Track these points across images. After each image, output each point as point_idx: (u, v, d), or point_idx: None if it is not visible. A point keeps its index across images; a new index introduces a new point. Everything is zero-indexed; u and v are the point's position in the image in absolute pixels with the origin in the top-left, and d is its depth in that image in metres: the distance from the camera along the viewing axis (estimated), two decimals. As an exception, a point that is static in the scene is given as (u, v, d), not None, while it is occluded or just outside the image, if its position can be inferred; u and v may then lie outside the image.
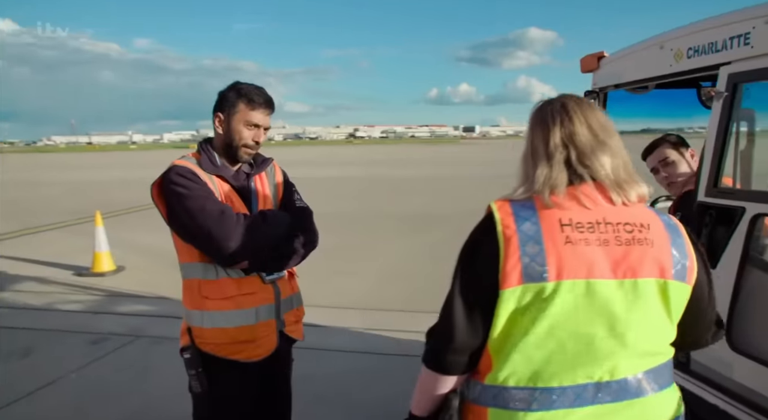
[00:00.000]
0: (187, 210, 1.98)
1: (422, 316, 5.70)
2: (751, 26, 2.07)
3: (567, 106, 1.34)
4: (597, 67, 3.05)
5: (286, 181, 2.37)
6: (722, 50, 2.21)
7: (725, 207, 2.20)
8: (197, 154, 2.20)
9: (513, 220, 1.23)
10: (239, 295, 2.07)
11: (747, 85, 2.18)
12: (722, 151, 2.23)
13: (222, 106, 2.15)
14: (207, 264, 2.05)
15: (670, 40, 2.49)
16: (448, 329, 1.26)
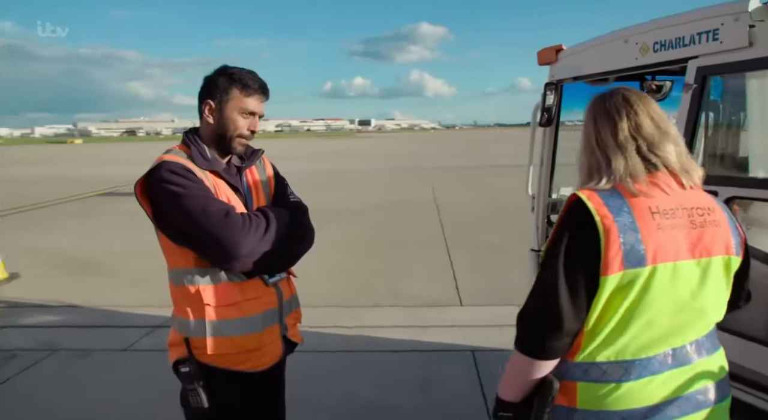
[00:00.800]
0: (186, 212, 1.79)
1: (361, 310, 5.74)
2: (720, 23, 2.21)
3: (629, 99, 1.44)
4: (555, 60, 3.16)
5: (277, 174, 2.22)
6: (690, 45, 2.35)
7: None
8: (185, 146, 1.98)
9: (607, 210, 1.32)
10: (243, 300, 1.91)
11: (715, 78, 2.34)
12: (692, 139, 2.38)
13: (212, 93, 1.95)
14: (205, 268, 1.87)
15: (635, 34, 2.62)
16: (554, 317, 1.31)
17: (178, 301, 1.94)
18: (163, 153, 1.95)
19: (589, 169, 1.46)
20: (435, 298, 6.11)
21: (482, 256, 8.09)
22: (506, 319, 5.30)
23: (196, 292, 1.86)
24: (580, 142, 1.52)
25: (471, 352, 4.58)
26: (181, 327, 1.92)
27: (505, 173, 21.42)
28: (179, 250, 1.88)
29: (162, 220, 1.87)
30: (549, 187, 3.40)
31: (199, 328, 1.87)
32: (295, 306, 2.17)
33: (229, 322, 1.89)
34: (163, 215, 1.85)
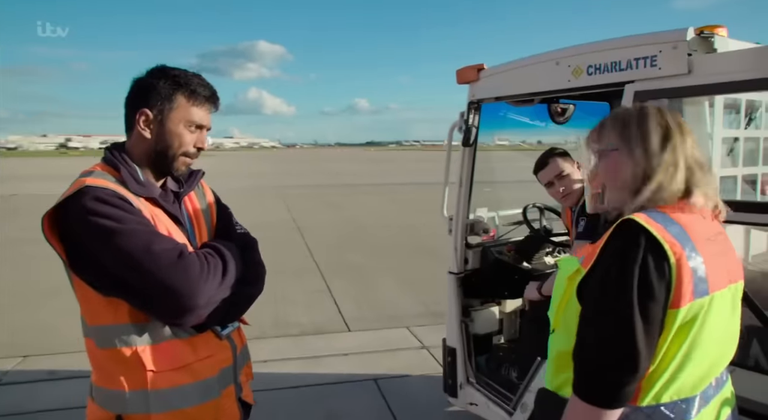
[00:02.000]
0: (124, 253, 1.39)
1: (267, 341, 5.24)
2: (658, 50, 2.30)
3: (668, 120, 1.35)
4: (476, 79, 3.11)
5: (218, 201, 1.87)
6: (627, 69, 2.42)
7: None
8: (109, 167, 1.56)
9: (672, 236, 1.21)
10: (196, 361, 1.55)
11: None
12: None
13: (149, 100, 1.55)
14: (143, 323, 1.48)
15: (567, 57, 2.65)
16: (632, 359, 1.17)
17: (103, 367, 1.52)
18: (81, 175, 1.52)
19: (624, 189, 1.33)
20: (320, 325, 5.81)
21: (354, 277, 7.95)
22: (399, 343, 5.26)
23: (133, 354, 1.46)
24: (606, 155, 1.37)
25: (374, 381, 4.37)
26: (109, 401, 1.51)
27: (353, 192, 21.74)
28: (106, 301, 1.46)
29: (81, 264, 1.46)
30: (467, 208, 3.34)
31: (138, 402, 1.48)
32: (246, 359, 1.82)
33: (180, 389, 1.51)
34: (84, 257, 1.44)
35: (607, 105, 3.86)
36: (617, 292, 1.20)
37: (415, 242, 10.70)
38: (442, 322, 5.70)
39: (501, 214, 3.81)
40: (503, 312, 3.70)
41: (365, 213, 15.38)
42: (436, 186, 15.07)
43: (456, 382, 3.38)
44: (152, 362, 1.47)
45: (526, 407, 2.93)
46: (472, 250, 3.42)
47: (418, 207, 16.50)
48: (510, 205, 3.92)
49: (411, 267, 8.64)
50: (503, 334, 3.77)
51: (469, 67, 3.15)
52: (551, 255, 3.54)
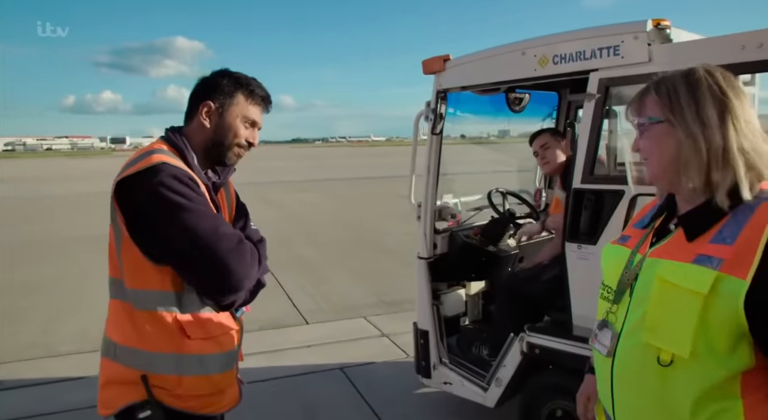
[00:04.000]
0: (193, 230, 1.52)
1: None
2: (620, 40, 2.49)
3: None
4: (442, 69, 3.22)
5: (238, 198, 1.98)
6: (591, 58, 2.60)
7: (604, 191, 2.60)
8: (173, 148, 1.69)
9: None
10: (221, 334, 1.70)
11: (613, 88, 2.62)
12: (596, 143, 2.64)
13: (213, 94, 1.72)
14: (182, 293, 1.61)
15: (533, 47, 2.81)
16: None
17: (137, 329, 1.60)
18: (148, 153, 1.61)
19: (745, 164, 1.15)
20: (278, 320, 5.78)
21: (304, 272, 7.93)
22: (359, 333, 5.34)
23: (174, 320, 1.59)
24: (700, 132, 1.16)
25: (340, 370, 4.42)
26: (139, 360, 1.60)
27: (290, 189, 21.54)
28: (156, 268, 1.57)
29: (142, 233, 1.56)
30: (435, 195, 3.45)
31: (171, 364, 1.60)
32: (241, 343, 1.92)
33: (209, 357, 1.67)
34: (148, 228, 1.55)
35: (555, 95, 4.10)
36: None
37: (358, 236, 10.79)
38: (398, 311, 5.90)
39: (463, 201, 3.95)
40: (468, 294, 3.86)
41: (305, 209, 15.30)
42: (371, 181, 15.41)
43: (429, 363, 3.49)
44: (192, 329, 1.61)
45: (500, 382, 3.09)
46: (439, 235, 3.54)
47: (356, 202, 16.63)
48: (470, 193, 4.07)
49: (358, 260, 8.72)
50: (468, 315, 3.93)
51: (435, 57, 3.26)
52: (513, 237, 3.72)
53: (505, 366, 3.05)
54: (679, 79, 1.23)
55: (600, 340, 1.30)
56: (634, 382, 1.21)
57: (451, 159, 3.80)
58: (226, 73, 1.78)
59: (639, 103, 1.27)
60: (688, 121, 1.17)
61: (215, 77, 1.76)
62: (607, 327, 1.29)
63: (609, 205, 2.57)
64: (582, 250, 2.66)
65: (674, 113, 1.19)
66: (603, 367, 1.30)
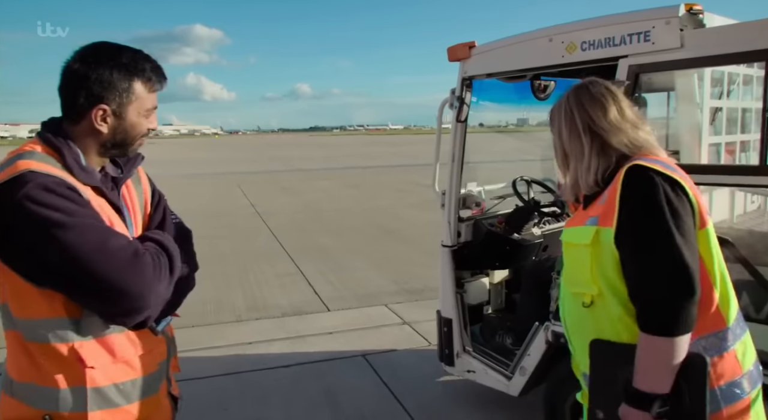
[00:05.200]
0: (74, 249, 1.27)
1: (225, 327, 5.23)
2: (651, 26, 2.44)
3: (610, 88, 1.59)
4: (468, 56, 3.20)
5: (154, 187, 1.73)
6: (621, 45, 2.55)
7: None
8: (50, 149, 1.40)
9: (684, 178, 1.41)
10: (137, 356, 1.47)
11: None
12: None
13: (107, 95, 1.42)
14: (78, 318, 1.36)
15: (560, 33, 2.77)
16: (685, 281, 1.29)
17: (32, 362, 1.38)
18: (16, 157, 1.35)
19: (590, 150, 1.51)
20: (299, 307, 5.83)
21: (323, 259, 7.97)
22: (380, 320, 5.36)
23: (70, 350, 1.35)
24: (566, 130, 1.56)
25: (362, 357, 4.45)
26: (37, 398, 1.38)
27: (308, 177, 21.63)
28: (40, 292, 1.33)
29: (14, 254, 1.31)
30: (459, 183, 3.44)
31: (74, 400, 1.37)
32: (174, 352, 1.71)
33: (124, 386, 1.44)
34: (20, 248, 1.30)
35: (581, 82, 4.03)
36: (656, 225, 1.33)
37: (377, 224, 10.81)
38: (419, 299, 5.91)
39: (487, 189, 3.93)
40: (491, 283, 3.85)
41: (323, 197, 15.35)
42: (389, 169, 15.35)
43: (452, 351, 3.50)
44: (93, 358, 1.38)
45: (524, 371, 3.08)
46: (464, 223, 3.53)
47: (375, 190, 16.62)
48: (494, 181, 4.05)
49: (377, 248, 8.74)
50: (491, 304, 3.92)
51: (460, 44, 3.23)
52: (538, 226, 3.70)
53: (530, 355, 3.04)
54: (579, 87, 1.62)
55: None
56: (573, 323, 1.58)
57: (475, 147, 3.78)
58: (111, 57, 1.43)
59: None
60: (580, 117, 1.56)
61: (99, 69, 1.41)
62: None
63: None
64: None
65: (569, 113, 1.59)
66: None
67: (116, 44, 1.49)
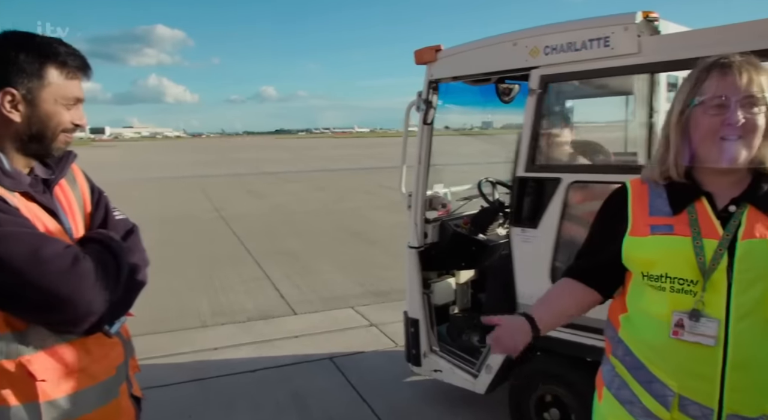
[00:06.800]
0: (4, 260, 1.21)
1: (191, 333, 5.14)
2: (611, 31, 2.52)
3: None
4: (434, 59, 3.24)
5: (92, 185, 1.64)
6: (582, 49, 2.63)
7: (544, 179, 2.79)
8: None
9: None
10: (91, 363, 1.41)
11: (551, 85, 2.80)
12: (538, 136, 2.85)
13: (13, 77, 1.32)
14: (24, 331, 1.29)
15: (524, 38, 2.83)
16: None
17: None
18: None
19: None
20: (265, 311, 5.78)
21: (290, 262, 7.92)
22: (347, 323, 5.35)
23: (18, 366, 1.28)
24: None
25: (330, 360, 4.44)
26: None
27: (275, 180, 21.46)
28: None
29: None
30: (425, 185, 3.48)
31: (30, 417, 1.30)
32: (132, 353, 1.66)
33: (78, 396, 1.37)
34: None
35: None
36: None
37: (344, 227, 10.80)
38: (385, 301, 5.93)
39: (453, 190, 3.98)
40: (458, 283, 3.90)
41: (290, 200, 15.25)
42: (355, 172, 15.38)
43: (419, 351, 3.53)
44: (43, 371, 1.30)
45: (490, 369, 3.13)
46: (430, 224, 3.57)
47: (341, 193, 16.61)
48: (460, 183, 4.11)
49: (344, 250, 8.74)
50: (457, 303, 3.97)
51: (427, 48, 3.27)
52: (503, 226, 3.76)
53: (495, 353, 3.10)
54: (762, 63, 1.32)
55: (698, 332, 1.27)
56: (759, 360, 1.26)
57: (442, 149, 3.83)
58: (17, 39, 1.35)
59: (756, 75, 1.29)
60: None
61: (4, 50, 1.32)
62: (703, 317, 1.27)
63: (549, 191, 2.75)
64: (525, 233, 2.85)
65: None
66: (704, 358, 1.28)
67: (29, 32, 1.39)
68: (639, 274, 1.40)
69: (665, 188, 1.41)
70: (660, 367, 1.35)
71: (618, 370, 1.46)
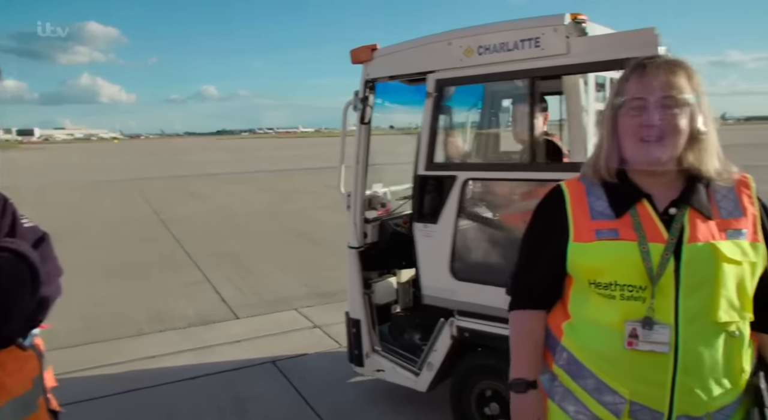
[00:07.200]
0: None
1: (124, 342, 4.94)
2: (541, 32, 2.58)
3: None
4: (370, 59, 3.23)
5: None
6: (514, 50, 2.68)
7: (442, 177, 2.97)
8: None
9: None
10: (5, 377, 1.34)
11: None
12: (435, 136, 3.03)
13: None
14: None
15: (458, 37, 2.86)
16: None
17: None
18: None
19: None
20: (206, 316, 5.62)
21: (232, 265, 7.75)
22: (290, 325, 5.28)
23: None
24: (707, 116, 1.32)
25: (272, 363, 4.36)
26: None
27: (217, 181, 21.00)
28: None
29: None
30: (364, 185, 3.46)
31: None
32: (47, 365, 1.59)
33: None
34: None
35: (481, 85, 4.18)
36: None
37: (288, 228, 10.68)
38: (330, 302, 5.88)
39: (393, 190, 3.98)
40: (399, 282, 3.90)
41: (233, 202, 14.94)
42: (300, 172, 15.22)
43: (362, 351, 3.51)
44: None
45: (431, 366, 3.15)
46: (370, 224, 3.56)
47: (286, 194, 16.42)
48: (399, 182, 4.11)
49: (288, 252, 8.63)
50: (399, 302, 3.97)
51: (363, 47, 3.26)
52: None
53: (436, 350, 3.12)
54: (687, 64, 1.32)
55: (652, 340, 1.25)
56: (706, 363, 1.25)
57: (381, 149, 3.82)
58: None
59: (674, 75, 1.28)
60: (708, 106, 1.31)
61: None
62: (656, 324, 1.25)
63: (446, 188, 2.93)
64: (427, 228, 3.01)
65: (700, 95, 1.30)
66: (658, 365, 1.26)
67: None
68: (585, 282, 1.35)
69: (604, 189, 1.38)
70: (611, 375, 1.31)
71: (561, 380, 1.41)
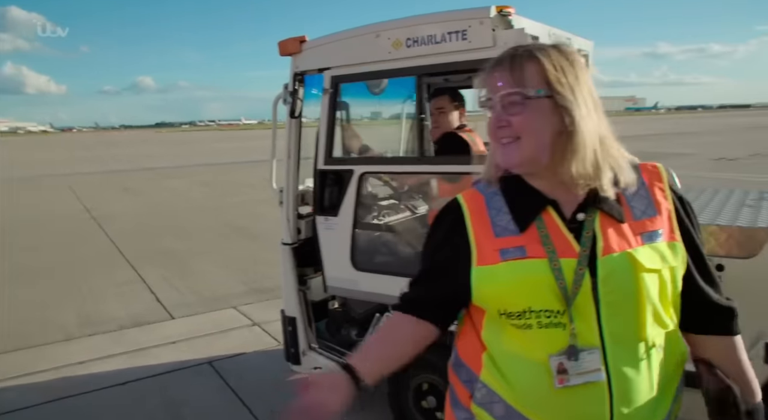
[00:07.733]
0: None
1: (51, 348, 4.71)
2: (468, 25, 2.57)
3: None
4: (299, 51, 3.15)
5: None
6: (441, 42, 2.66)
7: (340, 171, 3.08)
8: None
9: None
10: None
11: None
12: (333, 131, 3.09)
13: None
14: None
15: (387, 29, 2.82)
16: None
17: None
18: None
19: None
20: (139, 318, 5.41)
21: (168, 263, 7.51)
22: (229, 323, 5.17)
23: None
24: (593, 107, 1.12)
25: (208, 364, 4.25)
26: None
27: (154, 176, 20.29)
28: None
29: None
30: (297, 180, 3.39)
31: None
32: None
33: None
34: None
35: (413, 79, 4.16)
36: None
37: (227, 223, 10.44)
38: (268, 299, 5.78)
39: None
40: (336, 277, 3.85)
41: (170, 197, 14.47)
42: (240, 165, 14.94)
43: (298, 349, 3.45)
44: None
45: (368, 362, 3.13)
46: (303, 220, 3.49)
47: (225, 188, 16.04)
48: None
49: (226, 248, 8.43)
50: (336, 298, 3.92)
51: (291, 39, 3.17)
52: (378, 218, 3.76)
53: (372, 346, 3.09)
54: (548, 52, 1.11)
55: (583, 370, 1.08)
56: (640, 387, 1.11)
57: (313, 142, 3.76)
58: None
59: (516, 70, 1.10)
60: (578, 99, 1.09)
61: None
62: (582, 351, 1.08)
63: (344, 182, 3.03)
64: (328, 221, 3.13)
65: (563, 86, 1.09)
66: (594, 396, 1.10)
67: None
68: (495, 313, 1.15)
69: (505, 199, 1.19)
70: (544, 416, 1.13)
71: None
